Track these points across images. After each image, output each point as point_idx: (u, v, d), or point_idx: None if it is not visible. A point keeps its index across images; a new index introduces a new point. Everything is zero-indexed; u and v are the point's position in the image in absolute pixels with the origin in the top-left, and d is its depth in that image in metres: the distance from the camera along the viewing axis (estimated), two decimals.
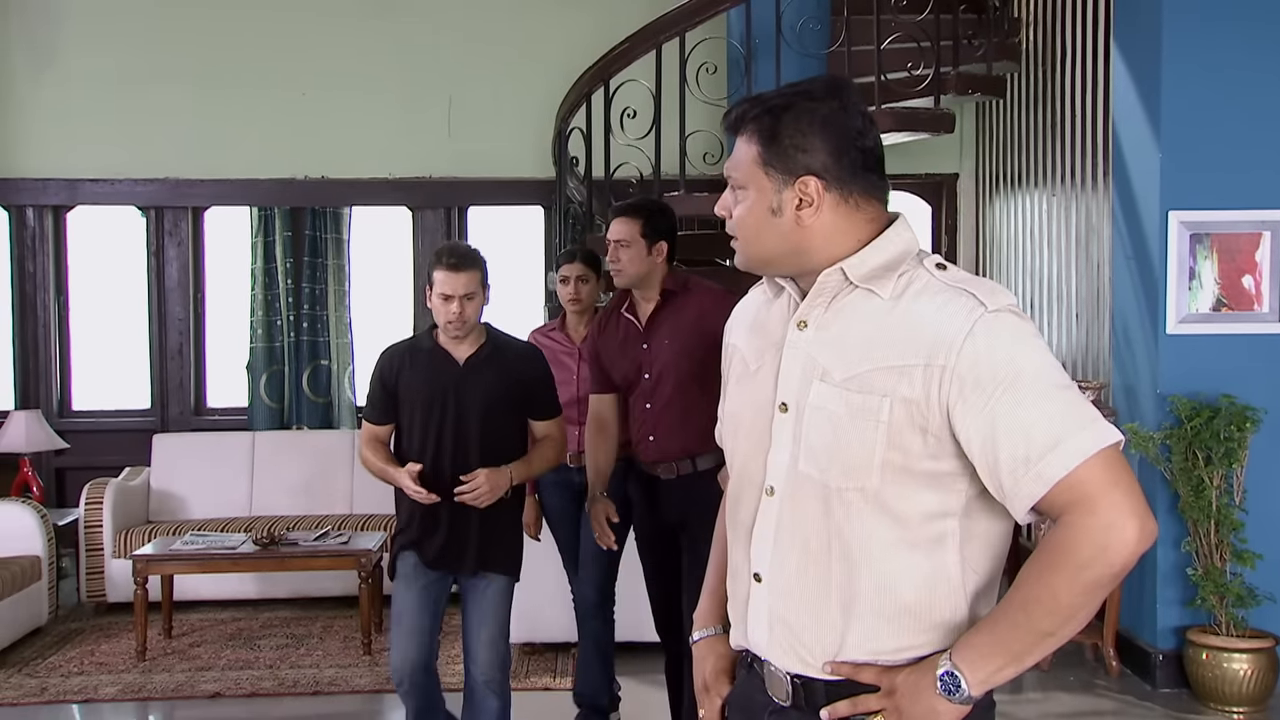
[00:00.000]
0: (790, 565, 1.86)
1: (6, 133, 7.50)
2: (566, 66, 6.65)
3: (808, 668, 1.85)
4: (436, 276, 3.72)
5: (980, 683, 1.72)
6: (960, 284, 1.77)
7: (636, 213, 4.02)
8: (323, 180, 7.61)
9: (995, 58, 6.18)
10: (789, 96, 1.86)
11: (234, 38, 7.51)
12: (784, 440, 1.87)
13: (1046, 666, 5.19)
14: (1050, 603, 1.69)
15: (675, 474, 3.95)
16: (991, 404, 1.70)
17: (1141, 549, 1.68)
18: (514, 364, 3.89)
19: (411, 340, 3.98)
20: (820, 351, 1.84)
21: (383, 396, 3.87)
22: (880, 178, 1.89)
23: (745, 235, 1.90)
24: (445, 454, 3.80)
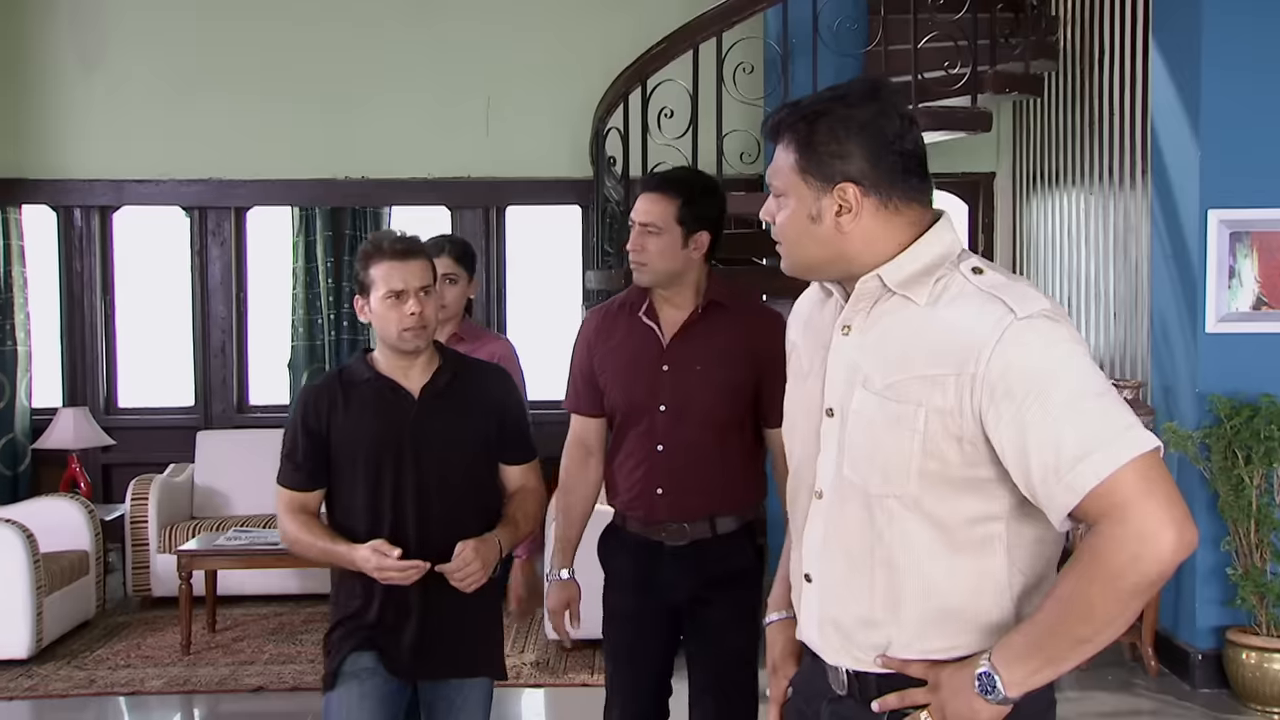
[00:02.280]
0: (837, 568, 1.89)
1: (57, 134, 7.61)
2: (604, 66, 6.68)
3: (859, 663, 1.89)
4: (377, 273, 2.83)
5: (1016, 684, 1.72)
6: (993, 289, 1.76)
7: (674, 189, 3.03)
8: (363, 180, 7.68)
9: (1033, 56, 6.16)
10: (825, 102, 1.85)
11: (277, 40, 7.59)
12: (830, 446, 1.89)
13: (1085, 665, 5.14)
14: (1085, 610, 1.68)
15: (687, 539, 3.03)
16: (1022, 413, 1.69)
17: (1179, 558, 1.65)
18: (481, 390, 2.99)
19: (340, 372, 2.97)
20: (863, 357, 1.85)
21: (309, 450, 2.87)
22: (922, 179, 1.87)
23: (787, 242, 1.90)
24: (406, 521, 2.84)
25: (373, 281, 2.84)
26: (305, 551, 2.92)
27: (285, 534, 2.94)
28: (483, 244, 7.79)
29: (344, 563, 2.85)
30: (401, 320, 2.81)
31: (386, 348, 2.89)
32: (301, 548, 2.92)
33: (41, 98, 7.59)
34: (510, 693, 5.16)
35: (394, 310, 2.81)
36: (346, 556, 2.82)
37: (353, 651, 2.88)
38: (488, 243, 7.81)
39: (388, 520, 2.85)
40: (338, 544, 2.84)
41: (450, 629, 2.91)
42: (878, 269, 1.83)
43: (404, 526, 2.84)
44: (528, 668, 5.37)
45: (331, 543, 2.85)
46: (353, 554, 2.80)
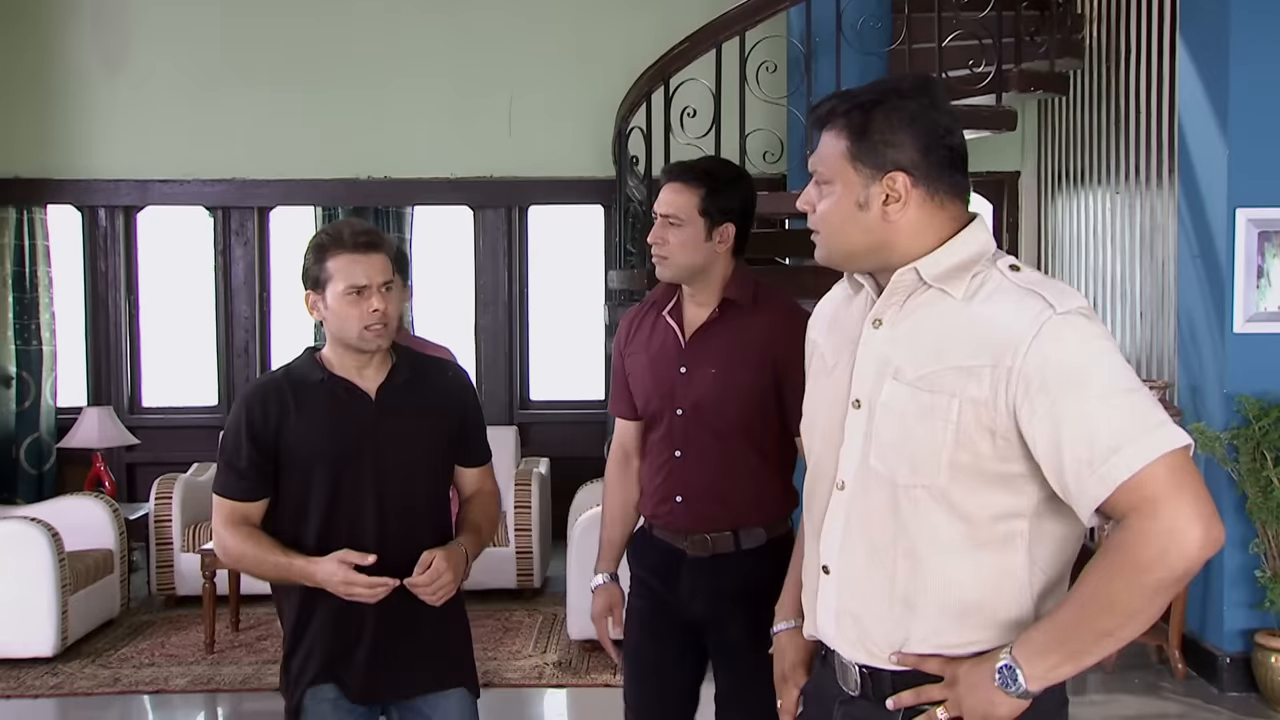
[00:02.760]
0: (857, 559, 1.89)
1: (81, 134, 7.65)
2: (626, 66, 6.67)
3: (874, 659, 1.88)
4: (335, 266, 2.63)
5: (1038, 678, 1.73)
6: (1031, 285, 1.78)
7: (698, 179, 2.87)
8: (385, 180, 7.70)
9: (1058, 54, 6.12)
10: (879, 92, 1.87)
11: (299, 40, 7.61)
12: (856, 436, 1.89)
13: (1111, 668, 5.14)
14: (1109, 604, 1.68)
15: (709, 551, 2.89)
16: (1057, 406, 1.69)
17: (1205, 555, 1.66)
18: (439, 389, 2.81)
19: (287, 371, 2.73)
20: (894, 350, 1.85)
21: (254, 457, 2.64)
22: (964, 177, 1.89)
23: (829, 229, 1.90)
24: (365, 533, 2.63)
25: (330, 276, 2.62)
26: (253, 568, 2.68)
27: (227, 549, 2.67)
28: (505, 244, 7.80)
29: (301, 578, 2.60)
30: (363, 318, 2.61)
31: (341, 347, 2.68)
32: (248, 563, 2.67)
33: (66, 99, 7.63)
34: (533, 693, 5.16)
35: (354, 307, 2.61)
36: (304, 571, 2.58)
37: (310, 685, 2.68)
38: (510, 243, 7.82)
39: (344, 531, 2.62)
40: (293, 558, 2.59)
41: (410, 644, 2.71)
42: (915, 262, 1.84)
43: (362, 537, 2.62)
44: (550, 668, 5.37)
45: (285, 556, 2.60)
46: (312, 568, 2.57)
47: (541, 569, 6.58)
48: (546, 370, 7.99)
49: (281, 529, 2.68)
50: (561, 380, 7.92)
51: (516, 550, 6.46)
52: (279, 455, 2.65)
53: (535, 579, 6.49)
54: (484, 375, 7.86)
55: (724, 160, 3.05)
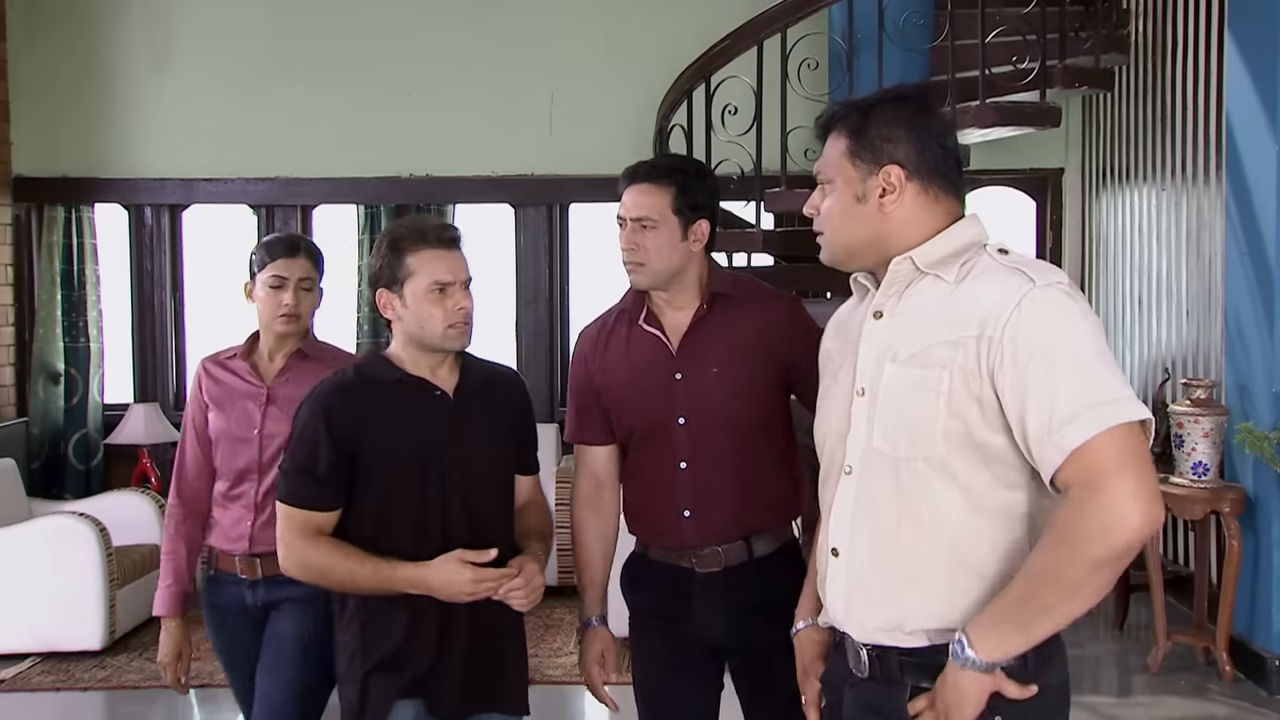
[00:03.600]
0: (864, 537, 1.97)
1: (127, 134, 7.73)
2: (667, 63, 6.67)
3: (884, 636, 1.95)
4: (418, 262, 2.56)
5: (989, 649, 1.78)
6: (1015, 264, 1.88)
7: (667, 177, 2.72)
8: (427, 178, 7.73)
9: (1103, 50, 6.07)
10: (877, 96, 2.04)
11: (341, 38, 7.66)
12: (860, 422, 1.98)
13: (1157, 669, 5.10)
14: (1053, 578, 1.75)
15: (721, 565, 2.70)
16: (1025, 375, 1.78)
17: (1144, 534, 1.72)
18: (507, 394, 2.75)
19: (357, 371, 2.62)
20: (893, 336, 1.95)
21: (336, 463, 2.50)
22: (959, 176, 2.00)
23: (831, 226, 2.02)
24: (456, 535, 2.53)
25: (410, 272, 2.53)
26: (343, 580, 2.49)
27: (309, 563, 2.50)
28: (546, 242, 7.81)
29: (409, 586, 2.45)
30: (448, 315, 2.53)
31: (416, 347, 2.57)
32: (338, 576, 2.48)
33: (112, 98, 7.72)
34: (574, 690, 5.17)
35: (438, 305, 2.52)
36: (414, 578, 2.44)
37: (398, 700, 2.52)
38: (551, 240, 7.83)
39: (437, 535, 2.51)
40: (398, 565, 2.44)
41: (494, 657, 2.62)
42: (910, 251, 1.95)
43: (455, 542, 2.50)
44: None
45: (388, 564, 2.44)
46: (424, 573, 2.43)
47: None
48: None
49: (360, 537, 2.51)
50: None
51: (557, 547, 6.44)
52: (359, 459, 2.50)
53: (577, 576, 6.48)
54: (525, 373, 7.87)
55: (685, 156, 2.93)
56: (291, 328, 3.13)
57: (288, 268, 3.11)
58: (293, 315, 3.10)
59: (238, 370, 3.17)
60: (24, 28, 7.67)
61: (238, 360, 3.18)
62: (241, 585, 3.11)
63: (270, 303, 3.11)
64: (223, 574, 3.15)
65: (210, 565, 3.19)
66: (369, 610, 2.54)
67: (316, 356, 3.18)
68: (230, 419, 3.11)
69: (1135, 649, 5.48)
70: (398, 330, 2.59)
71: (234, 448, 3.11)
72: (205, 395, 3.16)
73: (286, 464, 2.57)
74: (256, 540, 3.07)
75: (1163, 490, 4.84)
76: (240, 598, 3.12)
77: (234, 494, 3.11)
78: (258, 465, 3.08)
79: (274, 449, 3.06)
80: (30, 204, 7.75)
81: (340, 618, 2.62)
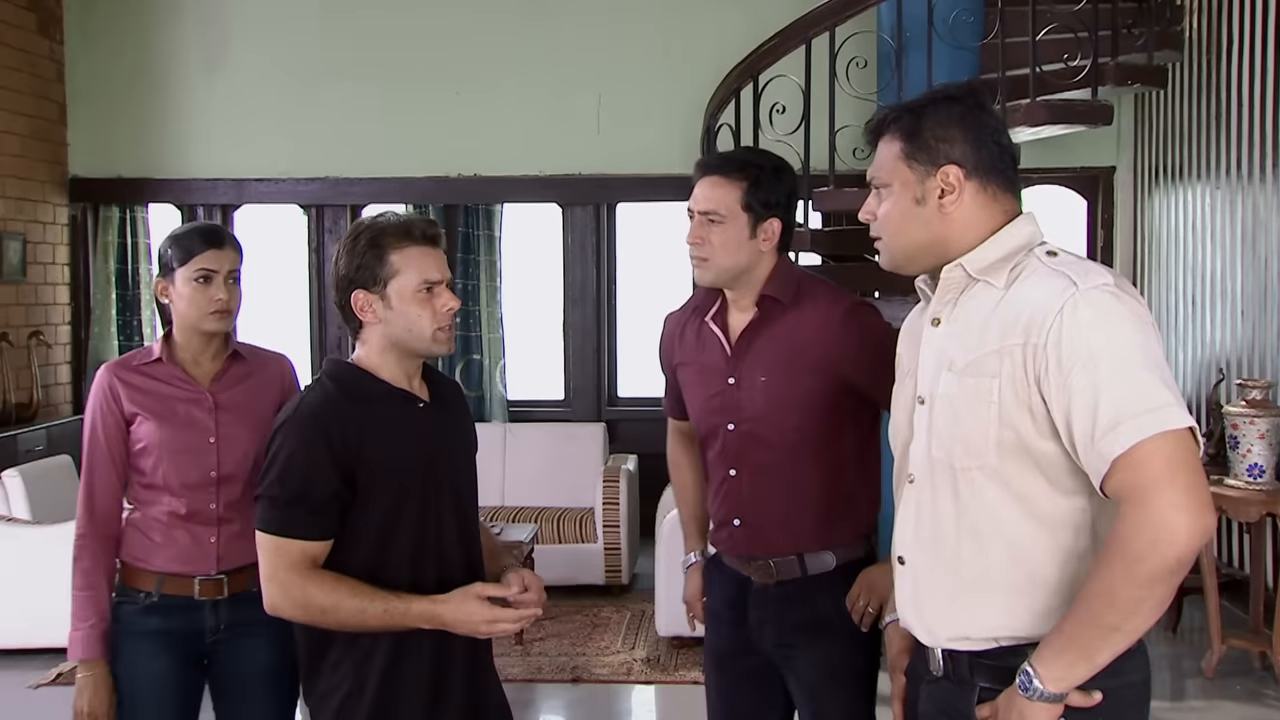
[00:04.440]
0: (925, 546, 1.97)
1: (180, 135, 7.84)
2: (715, 62, 6.66)
3: (953, 642, 1.94)
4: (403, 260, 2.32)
5: (1055, 679, 1.76)
6: (1061, 267, 1.85)
7: (739, 171, 2.61)
8: (475, 178, 7.77)
9: (1156, 47, 5.99)
10: (927, 97, 2.01)
11: (389, 39, 7.72)
12: (921, 431, 1.98)
13: (1211, 674, 5.04)
14: (1110, 597, 1.72)
15: (773, 578, 2.64)
16: (1069, 380, 1.76)
17: (1195, 545, 1.69)
18: (460, 402, 2.58)
19: (337, 385, 2.36)
20: (949, 343, 1.94)
21: (336, 488, 2.27)
22: (1016, 174, 1.98)
23: (890, 231, 2.00)
24: (452, 561, 2.37)
25: (394, 272, 2.31)
26: (348, 619, 2.23)
27: (309, 601, 2.24)
28: (593, 241, 7.83)
29: (422, 622, 2.24)
30: (437, 317, 2.33)
31: (396, 353, 2.36)
32: (343, 615, 2.23)
33: (165, 100, 7.82)
34: (621, 689, 5.18)
35: (427, 306, 2.32)
36: (427, 614, 2.23)
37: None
38: (598, 240, 7.85)
39: (432, 560, 2.33)
40: (410, 600, 2.23)
41: (491, 688, 2.51)
42: (961, 258, 1.93)
43: (450, 567, 2.34)
44: (638, 664, 5.39)
45: (399, 600, 2.22)
46: (438, 608, 2.22)
47: (629, 565, 6.60)
48: (634, 367, 8.01)
49: (356, 565, 2.28)
50: (650, 377, 7.91)
51: (605, 546, 6.49)
52: (357, 481, 2.28)
53: (623, 575, 6.52)
54: (572, 372, 7.91)
55: (764, 150, 2.79)
56: (224, 325, 2.81)
57: (216, 260, 2.77)
58: (225, 310, 2.78)
59: (163, 376, 2.80)
60: (80, 31, 7.79)
61: (161, 365, 2.80)
62: (200, 609, 2.77)
63: (198, 299, 2.76)
64: (172, 599, 2.76)
65: (152, 593, 2.76)
66: (383, 647, 2.30)
67: (250, 357, 2.92)
68: (175, 429, 2.76)
69: (1189, 653, 5.41)
70: (375, 335, 2.35)
71: (184, 460, 2.76)
72: (126, 406, 2.76)
73: (273, 492, 2.27)
74: (224, 558, 2.77)
75: (1217, 492, 4.81)
76: (197, 624, 2.77)
77: (189, 511, 2.76)
78: (217, 476, 2.78)
79: (235, 457, 2.78)
80: (86, 204, 7.88)
81: (318, 655, 2.35)
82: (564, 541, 6.50)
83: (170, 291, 2.79)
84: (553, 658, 5.47)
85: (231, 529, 2.78)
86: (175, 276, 2.78)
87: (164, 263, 2.81)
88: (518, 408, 7.84)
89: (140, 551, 2.78)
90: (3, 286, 7.19)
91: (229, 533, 2.78)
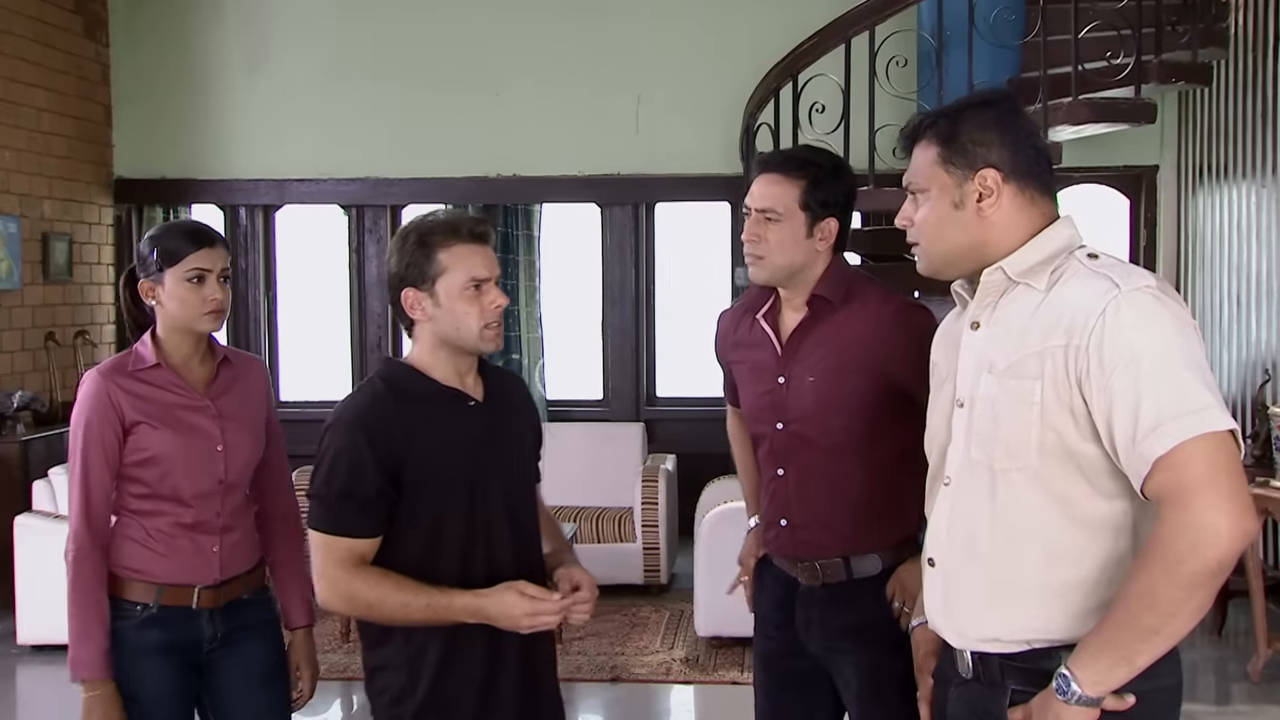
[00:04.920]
0: (959, 548, 1.97)
1: (222, 135, 7.90)
2: (754, 62, 6.66)
3: (983, 644, 1.94)
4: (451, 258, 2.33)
5: (1093, 683, 1.76)
6: (1103, 269, 1.85)
7: (798, 170, 2.61)
8: (514, 178, 7.80)
9: (1201, 44, 5.93)
10: (962, 102, 2.03)
11: (429, 40, 7.75)
12: (960, 434, 1.97)
13: (1257, 678, 4.98)
14: (1149, 599, 1.71)
15: (819, 580, 2.64)
16: (1111, 382, 1.76)
17: (1236, 547, 1.69)
18: (522, 397, 2.58)
19: (387, 384, 2.38)
20: (989, 346, 1.94)
21: (382, 486, 2.29)
22: (1052, 177, 1.99)
23: (928, 235, 2.01)
24: (502, 559, 2.36)
25: (442, 269, 2.31)
26: (395, 613, 2.27)
27: (356, 597, 2.28)
28: (632, 241, 7.84)
29: (467, 616, 2.26)
30: (485, 314, 2.33)
31: (447, 350, 2.37)
32: (388, 609, 2.27)
33: (208, 101, 7.89)
34: (660, 689, 5.19)
35: (475, 303, 2.32)
36: (472, 608, 2.24)
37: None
38: (637, 240, 7.86)
39: (481, 557, 2.34)
40: (453, 594, 2.25)
41: (549, 683, 2.50)
42: (1001, 262, 1.93)
43: (500, 564, 2.34)
44: (677, 664, 5.39)
45: (443, 594, 2.24)
46: (482, 602, 2.24)
47: (668, 565, 6.60)
48: (673, 367, 8.01)
49: (406, 563, 2.30)
50: (688, 377, 7.93)
51: (644, 546, 6.49)
52: (403, 480, 2.30)
53: (662, 575, 6.52)
54: (611, 372, 7.92)
55: (823, 149, 2.77)
56: (218, 324, 2.76)
57: (209, 259, 2.71)
58: (220, 310, 2.73)
59: (162, 383, 2.72)
60: (125, 34, 7.88)
61: (160, 371, 2.72)
62: (198, 619, 2.73)
63: (191, 299, 2.69)
64: (170, 610, 2.70)
65: (150, 605, 2.70)
66: (437, 641, 2.32)
67: (235, 361, 2.88)
68: (185, 438, 2.71)
69: (1234, 656, 5.36)
70: (425, 333, 2.37)
71: (195, 469, 2.71)
72: (127, 414, 2.68)
73: (321, 491, 2.31)
74: (226, 566, 2.76)
75: (1264, 494, 4.76)
76: (196, 634, 2.74)
77: (194, 520, 2.72)
78: (224, 485, 2.76)
79: (239, 464, 2.78)
80: (130, 205, 7.98)
81: (375, 649, 2.40)
82: (603, 541, 6.51)
83: (158, 293, 2.71)
84: (591, 657, 5.49)
85: (232, 537, 2.78)
86: (164, 277, 2.70)
87: (148, 263, 2.72)
88: (557, 407, 7.86)
89: (138, 562, 2.71)
90: (49, 286, 7.29)
91: (230, 541, 2.77)
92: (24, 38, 7.05)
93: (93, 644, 2.64)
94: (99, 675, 2.64)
